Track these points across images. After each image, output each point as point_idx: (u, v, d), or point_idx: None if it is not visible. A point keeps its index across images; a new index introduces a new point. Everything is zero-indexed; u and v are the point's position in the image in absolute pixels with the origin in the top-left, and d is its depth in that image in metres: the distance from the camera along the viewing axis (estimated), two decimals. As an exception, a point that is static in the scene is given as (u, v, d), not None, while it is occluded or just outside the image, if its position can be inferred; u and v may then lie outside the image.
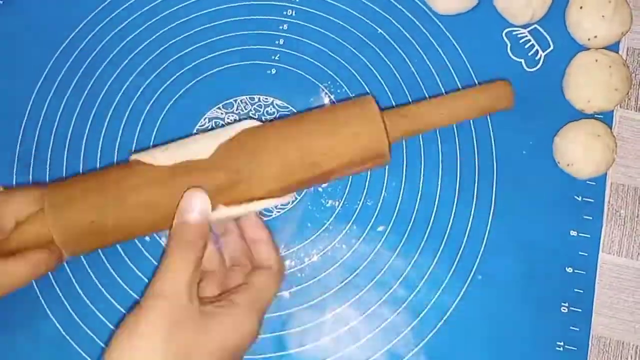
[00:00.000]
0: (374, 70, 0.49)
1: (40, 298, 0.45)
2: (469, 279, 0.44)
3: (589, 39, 0.47)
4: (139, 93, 0.49)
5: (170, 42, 0.50)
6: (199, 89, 0.49)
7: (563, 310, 0.44)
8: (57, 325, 0.45)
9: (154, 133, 0.48)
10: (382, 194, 0.46)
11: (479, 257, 0.45)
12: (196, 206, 0.37)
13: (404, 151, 0.47)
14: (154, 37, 0.50)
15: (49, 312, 0.45)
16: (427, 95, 0.48)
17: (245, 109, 0.48)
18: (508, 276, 0.44)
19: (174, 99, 0.49)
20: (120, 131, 0.48)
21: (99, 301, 0.45)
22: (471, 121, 0.47)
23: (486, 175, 0.46)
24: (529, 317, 0.44)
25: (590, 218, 0.45)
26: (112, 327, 0.45)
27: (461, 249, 0.45)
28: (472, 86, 0.47)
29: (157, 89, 0.49)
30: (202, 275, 0.39)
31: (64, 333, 0.45)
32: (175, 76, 0.49)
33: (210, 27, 0.50)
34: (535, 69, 0.48)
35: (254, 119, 0.42)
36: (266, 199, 0.39)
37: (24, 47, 0.50)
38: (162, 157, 0.39)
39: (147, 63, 0.49)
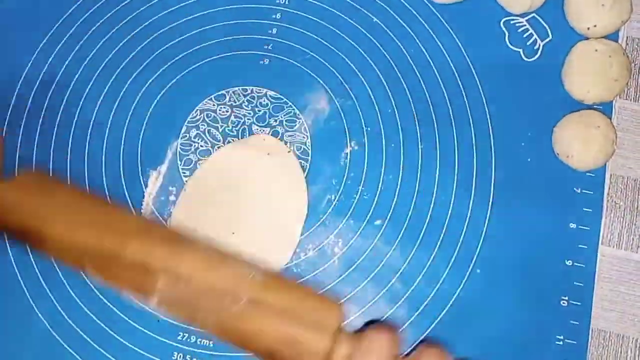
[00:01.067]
0: (369, 60, 0.48)
1: (28, 296, 0.45)
2: (468, 272, 0.44)
3: (588, 29, 0.46)
4: (128, 84, 0.48)
5: (160, 32, 0.48)
6: (190, 80, 0.48)
7: (563, 304, 0.43)
8: (45, 323, 0.44)
9: (144, 125, 0.47)
10: (379, 188, 0.45)
11: (478, 250, 0.44)
12: None
13: (401, 143, 0.46)
14: (143, 26, 0.49)
15: (37, 310, 0.44)
16: (423, 87, 0.47)
17: (238, 101, 0.47)
18: (507, 270, 0.44)
19: (164, 91, 0.48)
20: (109, 123, 0.47)
21: (88, 299, 0.44)
22: (468, 112, 0.46)
23: (484, 167, 0.46)
24: (528, 311, 0.43)
25: (590, 210, 0.45)
26: (101, 324, 0.44)
27: (460, 242, 0.44)
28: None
29: (147, 80, 0.48)
30: None
31: (52, 331, 0.44)
32: (165, 67, 0.48)
33: (200, 16, 0.49)
34: (533, 59, 0.47)
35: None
36: None
37: (12, 34, 0.49)
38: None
39: (137, 53, 0.48)
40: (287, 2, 0.49)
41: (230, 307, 0.32)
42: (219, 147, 0.46)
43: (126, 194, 0.46)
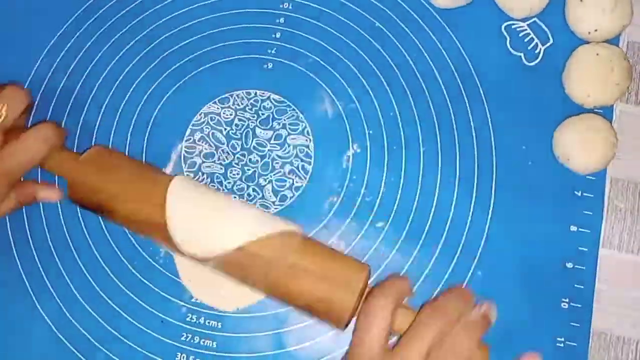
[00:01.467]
0: (372, 64, 0.48)
1: (33, 297, 0.45)
2: (469, 275, 0.44)
3: (589, 33, 0.46)
4: (132, 87, 0.48)
5: (165, 36, 0.49)
6: (194, 83, 0.48)
7: (563, 306, 0.43)
8: (50, 324, 0.44)
9: (149, 128, 0.48)
10: (381, 190, 0.46)
11: (479, 253, 0.44)
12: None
13: (403, 146, 0.46)
14: (147, 30, 0.49)
15: (42, 311, 0.45)
16: (425, 90, 0.47)
17: (242, 104, 0.48)
18: (508, 272, 0.44)
19: (168, 94, 0.48)
20: (114, 125, 0.48)
21: (92, 300, 0.45)
22: (470, 115, 0.47)
23: (485, 170, 0.46)
24: (529, 313, 0.43)
25: (590, 213, 0.45)
26: (106, 325, 0.44)
27: (461, 244, 0.45)
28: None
29: (151, 83, 0.48)
30: None
31: (57, 332, 0.44)
32: (169, 71, 0.48)
33: (204, 21, 0.49)
34: (534, 63, 0.47)
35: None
36: None
37: (24, 30, 0.50)
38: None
39: (141, 57, 0.49)
40: (290, 7, 0.49)
41: (276, 271, 0.38)
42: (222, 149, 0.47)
43: (131, 195, 0.46)
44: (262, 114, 0.48)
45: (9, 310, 0.45)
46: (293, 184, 0.46)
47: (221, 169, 0.47)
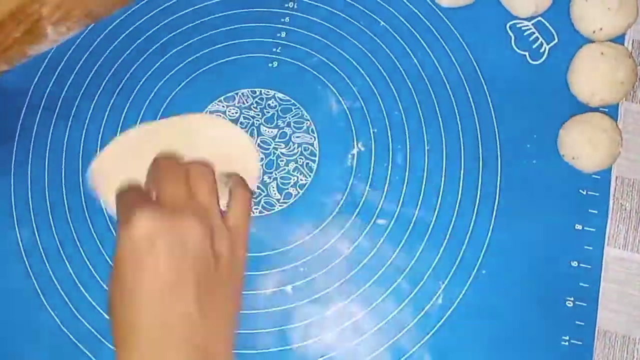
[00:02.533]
0: (376, 63, 0.48)
1: (39, 292, 0.45)
2: (474, 273, 0.44)
3: (594, 32, 0.46)
4: (139, 85, 0.49)
5: (171, 35, 0.49)
6: (200, 81, 0.49)
7: (568, 305, 0.43)
8: (56, 319, 0.45)
9: (155, 126, 0.48)
10: (385, 188, 0.46)
11: (484, 251, 0.44)
12: None
13: (407, 143, 0.46)
14: (154, 29, 0.50)
15: (47, 306, 0.45)
16: (430, 90, 0.47)
17: (247, 102, 0.48)
18: (513, 270, 0.44)
19: (174, 92, 0.48)
20: (120, 124, 0.48)
21: (98, 295, 0.45)
22: (475, 114, 0.47)
23: (490, 168, 0.46)
24: (534, 312, 0.43)
25: (596, 212, 0.45)
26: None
27: (465, 243, 0.45)
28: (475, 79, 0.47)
29: (158, 82, 0.49)
30: None
31: (62, 327, 0.45)
32: (175, 69, 0.49)
33: (211, 20, 0.50)
34: (539, 62, 0.48)
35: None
36: None
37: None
38: None
39: (148, 55, 0.49)
40: (295, 6, 0.50)
41: None
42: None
43: (136, 193, 0.47)
44: (267, 112, 0.48)
45: (15, 306, 0.45)
46: (297, 181, 0.46)
47: (226, 166, 0.47)
